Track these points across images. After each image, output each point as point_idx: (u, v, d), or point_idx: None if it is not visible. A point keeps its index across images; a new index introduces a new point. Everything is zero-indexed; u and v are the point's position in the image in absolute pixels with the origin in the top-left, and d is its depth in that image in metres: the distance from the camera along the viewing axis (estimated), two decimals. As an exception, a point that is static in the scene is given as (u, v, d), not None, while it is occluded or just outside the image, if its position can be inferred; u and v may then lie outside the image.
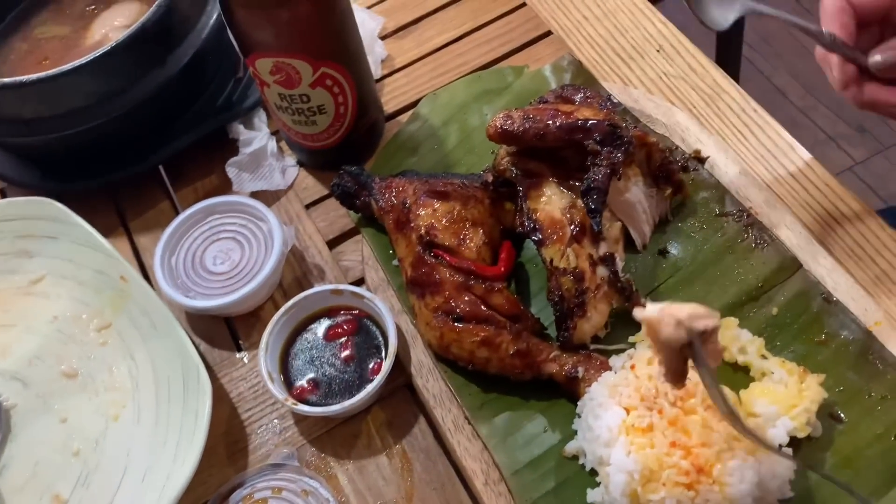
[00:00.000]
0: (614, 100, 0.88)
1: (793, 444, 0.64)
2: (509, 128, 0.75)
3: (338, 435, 0.76)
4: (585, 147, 0.73)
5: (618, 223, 0.77)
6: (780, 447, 0.63)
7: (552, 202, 0.75)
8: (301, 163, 0.93)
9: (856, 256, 0.77)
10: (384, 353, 0.76)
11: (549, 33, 0.99)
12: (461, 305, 0.73)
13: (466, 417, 0.73)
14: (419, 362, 0.77)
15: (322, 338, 0.78)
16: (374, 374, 0.75)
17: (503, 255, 0.78)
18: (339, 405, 0.72)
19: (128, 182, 0.93)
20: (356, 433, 0.76)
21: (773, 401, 0.64)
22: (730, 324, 0.71)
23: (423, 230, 0.76)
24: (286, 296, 0.81)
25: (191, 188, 0.94)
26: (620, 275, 0.73)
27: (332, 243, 0.88)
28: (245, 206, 0.84)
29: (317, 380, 0.76)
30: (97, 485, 0.75)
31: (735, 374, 0.70)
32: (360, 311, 0.79)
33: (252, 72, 0.80)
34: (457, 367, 0.75)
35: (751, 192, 0.80)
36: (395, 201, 0.79)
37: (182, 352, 0.77)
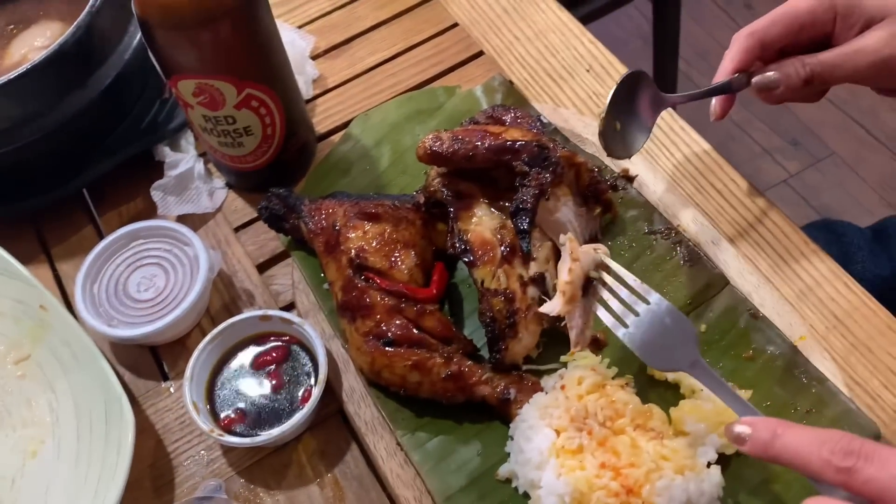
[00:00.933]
0: (544, 119, 0.88)
1: (721, 461, 0.64)
2: (438, 149, 0.74)
3: (267, 465, 0.74)
4: (514, 168, 0.73)
5: (548, 243, 0.76)
6: (709, 465, 0.63)
7: (483, 223, 0.74)
8: (230, 185, 0.91)
9: (781, 272, 0.78)
10: (314, 380, 0.74)
11: (480, 53, 0.99)
12: (392, 329, 0.72)
13: (399, 443, 0.72)
14: (351, 388, 0.75)
15: (250, 366, 0.76)
16: (304, 401, 0.73)
17: (435, 277, 0.77)
18: (266, 434, 0.70)
19: (50, 207, 0.90)
20: (287, 462, 0.74)
21: (701, 418, 0.65)
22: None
23: (353, 253, 0.75)
24: (214, 322, 0.79)
25: (115, 212, 0.91)
26: (551, 295, 0.73)
27: (262, 267, 0.86)
28: (170, 231, 0.82)
29: (244, 409, 0.74)
30: (13, 525, 0.71)
31: (665, 392, 0.70)
32: (290, 338, 0.77)
33: (175, 93, 0.78)
34: (389, 393, 0.74)
35: (678, 209, 0.81)
36: (324, 224, 0.78)
37: (104, 383, 0.74)
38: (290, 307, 0.82)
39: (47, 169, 0.88)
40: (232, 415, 0.73)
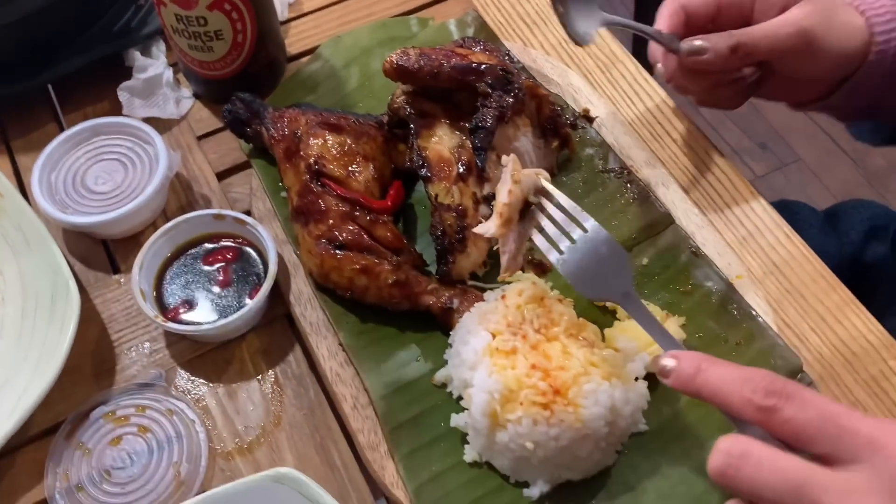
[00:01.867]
0: (513, 56, 0.90)
1: (649, 378, 0.67)
2: (405, 63, 0.76)
3: (210, 359, 0.75)
4: (477, 90, 0.75)
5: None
6: (637, 380, 0.66)
7: (442, 141, 0.76)
8: (197, 95, 0.92)
9: (725, 218, 0.81)
10: (264, 281, 0.75)
11: (458, -9, 1.00)
12: (344, 234, 0.73)
13: (341, 344, 0.73)
14: (299, 291, 0.76)
15: (201, 262, 0.77)
16: (251, 298, 0.74)
17: (392, 192, 0.79)
18: (210, 325, 0.71)
19: (14, 99, 0.90)
20: (229, 359, 0.75)
21: (633, 337, 0.67)
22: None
23: (312, 159, 0.76)
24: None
25: (80, 112, 0.91)
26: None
27: (221, 175, 0.87)
28: (133, 129, 0.83)
29: (191, 302, 0.75)
30: (-51, 396, 0.72)
31: (603, 316, 0.72)
32: (242, 239, 0.78)
33: (149, -12, 0.79)
34: (336, 298, 0.75)
35: (633, 151, 0.84)
36: (286, 131, 0.79)
37: (54, 267, 0.75)
38: (246, 215, 0.83)
39: (13, 59, 0.88)
40: (178, 306, 0.74)
